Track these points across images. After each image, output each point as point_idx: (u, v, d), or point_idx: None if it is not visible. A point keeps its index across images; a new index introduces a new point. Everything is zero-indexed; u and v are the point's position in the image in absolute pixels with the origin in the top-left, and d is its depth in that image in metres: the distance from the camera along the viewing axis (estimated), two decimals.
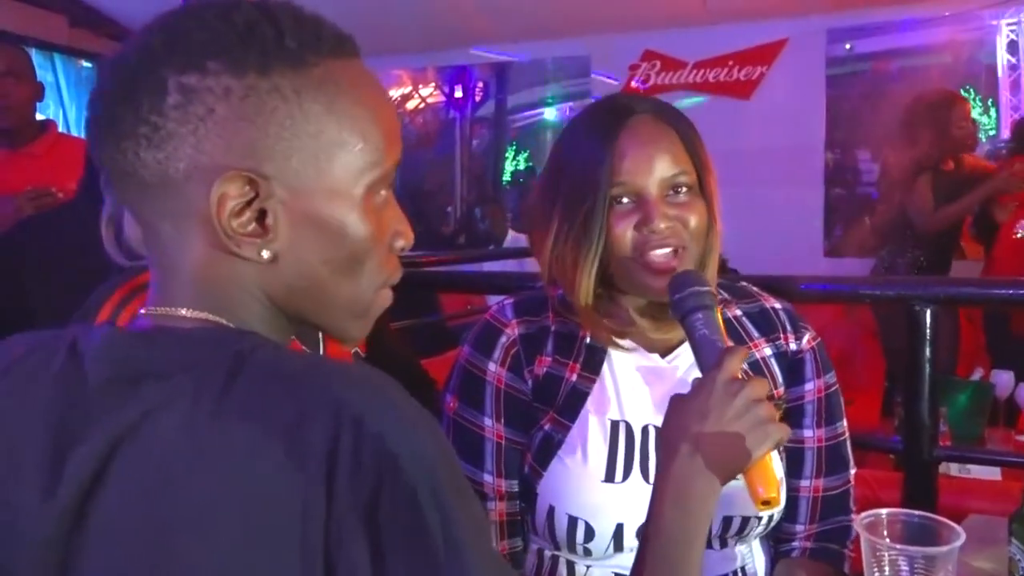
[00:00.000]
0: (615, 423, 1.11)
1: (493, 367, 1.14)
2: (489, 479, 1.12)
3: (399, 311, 0.75)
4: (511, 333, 1.15)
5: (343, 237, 0.65)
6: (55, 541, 0.59)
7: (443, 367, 1.25)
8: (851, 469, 1.20)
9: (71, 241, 1.35)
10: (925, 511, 0.95)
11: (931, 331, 1.70)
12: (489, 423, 1.13)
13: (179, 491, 0.56)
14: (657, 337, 1.15)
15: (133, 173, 0.62)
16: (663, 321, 1.13)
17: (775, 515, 1.12)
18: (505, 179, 8.95)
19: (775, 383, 1.17)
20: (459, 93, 8.54)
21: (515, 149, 9.57)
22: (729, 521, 1.09)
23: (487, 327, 1.16)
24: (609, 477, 1.09)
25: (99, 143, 0.64)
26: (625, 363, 1.14)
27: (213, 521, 0.55)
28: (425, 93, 8.86)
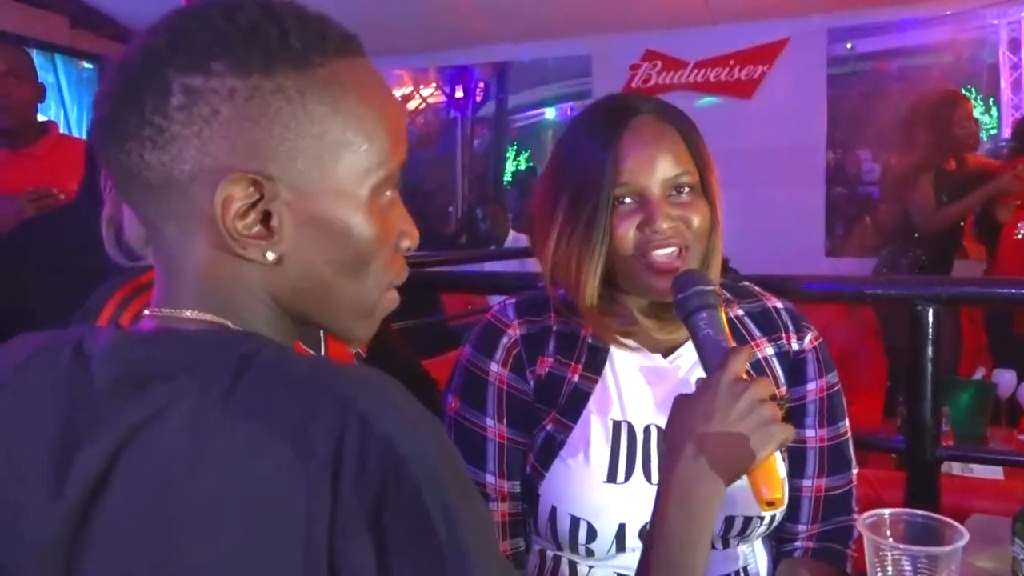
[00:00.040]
0: (617, 423, 1.11)
1: (495, 367, 1.13)
2: (491, 480, 1.12)
3: (400, 311, 0.75)
4: (513, 333, 1.14)
5: (348, 238, 0.65)
6: (61, 541, 0.59)
7: (444, 367, 1.25)
8: (853, 469, 1.20)
9: (72, 242, 1.35)
10: (928, 511, 0.95)
11: (933, 331, 1.69)
12: (491, 424, 1.12)
13: (184, 492, 0.56)
14: (660, 337, 1.15)
15: (137, 175, 0.62)
16: (666, 321, 1.13)
17: (777, 515, 1.12)
18: (506, 179, 8.95)
19: (777, 383, 1.16)
20: (460, 93, 8.54)
21: (516, 149, 9.58)
22: (731, 521, 1.09)
23: (489, 327, 1.16)
24: (611, 477, 1.08)
25: (103, 144, 0.64)
26: (627, 363, 1.14)
27: (217, 521, 0.55)
28: (426, 93, 8.87)
